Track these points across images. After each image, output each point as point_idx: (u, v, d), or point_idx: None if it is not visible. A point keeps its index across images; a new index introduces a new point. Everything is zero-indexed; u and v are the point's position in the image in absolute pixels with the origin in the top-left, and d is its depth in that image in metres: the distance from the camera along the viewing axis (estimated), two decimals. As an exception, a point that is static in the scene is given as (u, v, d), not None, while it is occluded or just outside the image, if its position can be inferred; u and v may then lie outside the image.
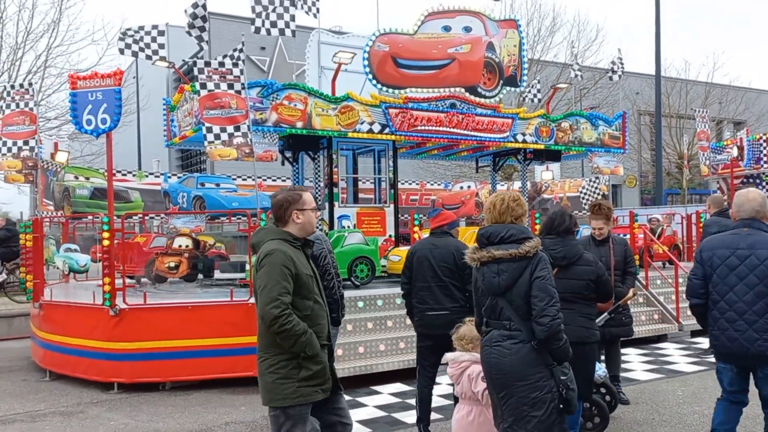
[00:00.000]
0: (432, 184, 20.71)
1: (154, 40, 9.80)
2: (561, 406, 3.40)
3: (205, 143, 8.29)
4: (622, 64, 14.02)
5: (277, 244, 3.33)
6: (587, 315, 4.79)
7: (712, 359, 8.09)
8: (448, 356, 4.22)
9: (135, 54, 9.83)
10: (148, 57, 9.93)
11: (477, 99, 11.21)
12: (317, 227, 5.13)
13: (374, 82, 10.59)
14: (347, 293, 7.48)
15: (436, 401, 6.51)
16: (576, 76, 14.29)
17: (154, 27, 9.90)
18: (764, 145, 14.08)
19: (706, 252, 4.16)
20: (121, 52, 9.74)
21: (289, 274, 3.25)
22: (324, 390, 3.37)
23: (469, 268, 4.91)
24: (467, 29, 11.27)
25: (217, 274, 10.41)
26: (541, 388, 3.36)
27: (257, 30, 9.73)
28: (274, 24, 9.77)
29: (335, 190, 10.77)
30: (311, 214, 3.50)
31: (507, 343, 3.42)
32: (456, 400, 4.36)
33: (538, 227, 7.92)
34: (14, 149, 10.08)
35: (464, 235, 9.56)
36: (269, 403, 3.30)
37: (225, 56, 10.41)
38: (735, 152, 14.20)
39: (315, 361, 3.29)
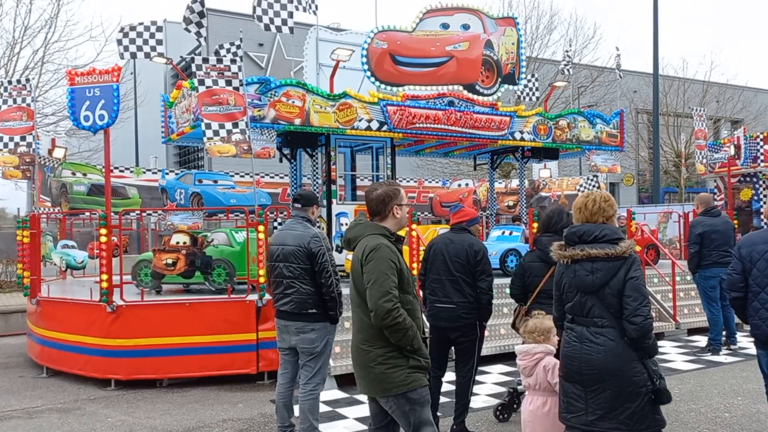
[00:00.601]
0: (430, 182, 20.73)
1: (152, 36, 9.77)
2: (653, 397, 3.49)
3: (204, 139, 8.29)
4: (619, 66, 14.02)
5: (380, 239, 3.36)
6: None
7: (709, 357, 8.14)
8: (519, 348, 4.27)
9: (133, 55, 9.83)
10: (147, 55, 9.91)
11: (475, 97, 11.21)
12: (316, 224, 5.14)
13: (372, 79, 10.57)
14: (344, 290, 7.48)
15: (434, 399, 6.53)
16: (564, 68, 14.24)
17: (153, 23, 9.87)
18: (761, 143, 14.10)
19: (745, 248, 4.42)
20: (121, 56, 9.75)
21: (396, 268, 3.29)
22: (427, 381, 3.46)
23: (482, 265, 5.13)
24: (465, 27, 11.25)
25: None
26: (636, 383, 3.46)
27: (259, 19, 9.69)
28: (271, 20, 9.75)
29: (333, 187, 10.76)
30: (406, 210, 3.55)
31: (600, 340, 3.51)
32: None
33: (536, 225, 7.93)
34: (11, 145, 10.05)
35: (424, 233, 9.55)
36: (382, 393, 3.36)
37: (221, 48, 10.38)
38: (732, 151, 14.22)
39: (420, 354, 3.38)
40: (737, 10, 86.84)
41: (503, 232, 11.21)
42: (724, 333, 8.53)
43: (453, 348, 5.38)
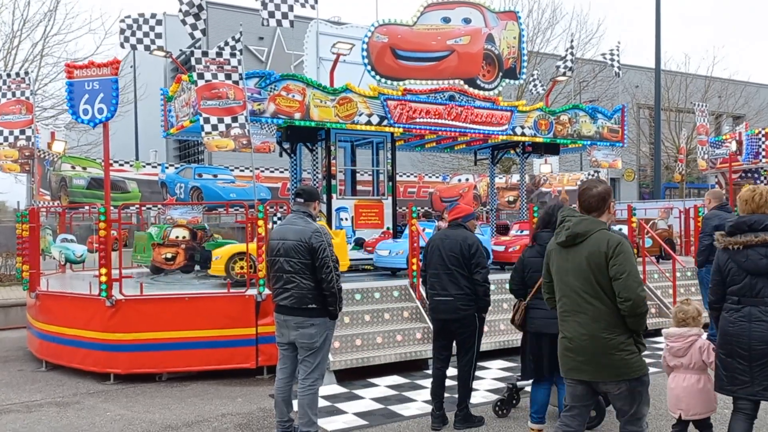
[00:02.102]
0: (430, 177, 20.66)
1: (152, 29, 9.76)
2: None
3: (203, 134, 8.25)
4: (618, 56, 13.84)
5: (614, 234, 3.68)
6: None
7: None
8: (670, 331, 4.65)
9: (134, 47, 9.87)
10: (147, 47, 9.89)
11: (476, 91, 11.16)
12: (317, 219, 5.12)
13: (373, 73, 10.53)
14: (344, 285, 7.48)
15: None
16: (567, 70, 14.08)
17: (153, 16, 9.85)
18: (763, 139, 14.08)
19: None
20: (122, 45, 9.81)
21: None
22: None
23: (476, 258, 5.30)
24: (467, 21, 11.21)
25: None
26: None
27: (265, 22, 9.71)
28: (272, 14, 9.71)
29: (333, 182, 10.73)
30: None
31: None
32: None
33: (536, 221, 7.90)
34: (11, 138, 10.03)
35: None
36: (622, 377, 3.62)
37: (225, 45, 10.38)
38: (734, 146, 14.19)
39: (642, 337, 3.69)
40: (737, 10, 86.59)
41: None
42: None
43: (455, 341, 5.51)
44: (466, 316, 5.35)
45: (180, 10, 9.45)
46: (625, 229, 10.41)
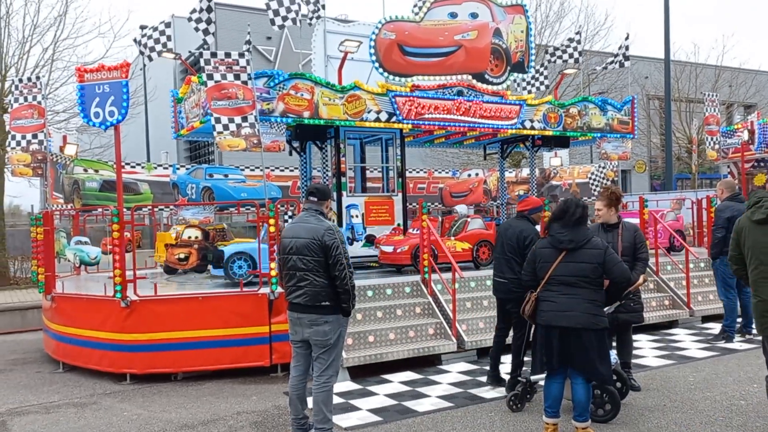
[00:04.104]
0: (440, 172, 20.64)
1: (162, 33, 9.85)
2: None
3: (214, 134, 8.30)
4: (626, 49, 13.70)
5: None
6: (593, 301, 4.78)
7: (724, 345, 8.08)
8: None
9: (150, 58, 10.02)
10: (155, 51, 9.98)
11: (484, 86, 11.13)
12: (328, 217, 5.14)
13: (381, 70, 10.53)
14: (356, 282, 7.50)
15: (447, 389, 6.55)
16: (573, 61, 13.95)
17: (162, 22, 9.98)
18: (775, 128, 13.93)
19: None
20: (150, 59, 10.05)
21: None
22: None
23: (529, 248, 5.69)
24: (474, 15, 11.18)
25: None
26: None
27: (272, 22, 9.78)
28: (284, 18, 9.77)
29: (343, 179, 10.75)
30: None
31: None
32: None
33: (548, 215, 7.89)
34: (23, 143, 10.13)
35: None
36: None
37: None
38: (746, 136, 14.07)
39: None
40: (740, 9, 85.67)
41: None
42: (739, 320, 8.46)
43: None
44: (518, 298, 5.77)
45: (192, 12, 9.52)
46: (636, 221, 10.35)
